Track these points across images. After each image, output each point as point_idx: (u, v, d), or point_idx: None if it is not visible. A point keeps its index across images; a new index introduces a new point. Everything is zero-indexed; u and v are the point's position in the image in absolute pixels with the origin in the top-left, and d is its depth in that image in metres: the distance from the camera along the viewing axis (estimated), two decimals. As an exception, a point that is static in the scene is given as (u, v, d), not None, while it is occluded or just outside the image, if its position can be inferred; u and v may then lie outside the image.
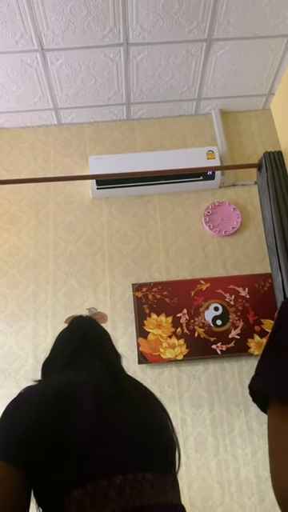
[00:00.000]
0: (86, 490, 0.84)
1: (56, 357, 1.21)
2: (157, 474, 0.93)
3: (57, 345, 1.26)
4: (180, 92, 2.79)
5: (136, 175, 2.65)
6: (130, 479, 0.87)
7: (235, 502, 2.11)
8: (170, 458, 1.01)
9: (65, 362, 1.14)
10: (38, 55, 2.43)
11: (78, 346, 1.20)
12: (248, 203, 2.75)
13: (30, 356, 2.37)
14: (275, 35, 2.44)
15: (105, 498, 0.84)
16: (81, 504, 0.83)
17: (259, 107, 2.98)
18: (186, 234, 2.68)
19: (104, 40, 2.37)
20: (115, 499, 0.84)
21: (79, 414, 0.92)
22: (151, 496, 0.88)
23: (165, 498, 0.92)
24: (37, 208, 2.73)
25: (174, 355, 2.35)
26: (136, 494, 0.86)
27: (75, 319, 1.34)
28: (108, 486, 0.85)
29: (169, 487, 0.95)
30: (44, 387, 1.00)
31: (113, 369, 1.14)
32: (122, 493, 0.85)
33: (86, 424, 0.91)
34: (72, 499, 0.84)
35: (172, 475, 0.99)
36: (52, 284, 2.54)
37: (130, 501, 0.85)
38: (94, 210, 2.73)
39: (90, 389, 0.99)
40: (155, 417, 1.06)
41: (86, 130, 2.96)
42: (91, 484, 0.85)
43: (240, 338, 2.39)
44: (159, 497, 0.90)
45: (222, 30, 2.38)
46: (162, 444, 1.01)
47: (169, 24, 2.31)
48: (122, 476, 0.87)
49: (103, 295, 2.52)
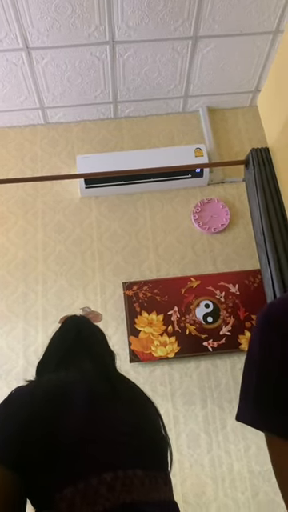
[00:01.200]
0: (77, 488, 0.84)
1: (49, 357, 1.21)
2: (148, 471, 0.93)
3: (50, 345, 1.26)
4: (167, 90, 2.78)
5: (124, 173, 2.65)
6: (120, 476, 0.88)
7: (229, 498, 2.12)
8: (161, 455, 1.02)
9: (58, 362, 1.15)
10: (23, 54, 2.41)
11: (71, 345, 1.20)
12: (236, 200, 2.76)
13: (21, 357, 2.36)
14: (260, 32, 2.45)
15: (95, 495, 0.84)
16: (71, 502, 0.83)
17: (246, 104, 3.00)
18: (176, 231, 2.68)
19: (90, 38, 2.36)
20: (106, 496, 0.84)
21: (70, 413, 0.93)
22: (142, 493, 0.89)
23: (157, 494, 0.92)
24: (25, 208, 2.72)
25: (166, 353, 2.35)
26: (127, 490, 0.87)
27: (68, 319, 1.34)
28: (98, 483, 0.85)
29: (161, 484, 0.95)
30: (35, 387, 0.99)
31: (106, 368, 1.14)
32: (113, 489, 0.85)
33: (77, 423, 0.91)
34: (63, 497, 0.84)
35: (164, 472, 1.00)
36: (42, 284, 2.53)
37: (121, 497, 0.85)
38: (82, 209, 2.72)
39: (82, 388, 0.99)
40: (147, 416, 1.07)
41: (73, 128, 2.94)
42: (82, 482, 0.85)
43: (231, 334, 2.40)
44: (151, 493, 0.91)
45: (207, 28, 2.38)
46: (154, 442, 1.02)
47: (154, 22, 2.31)
48: (112, 473, 0.87)
49: (94, 294, 2.51)
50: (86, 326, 1.31)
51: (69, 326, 1.30)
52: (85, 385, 1.01)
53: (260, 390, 0.68)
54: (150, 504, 0.89)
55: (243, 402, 0.71)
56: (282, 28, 2.43)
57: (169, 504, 0.96)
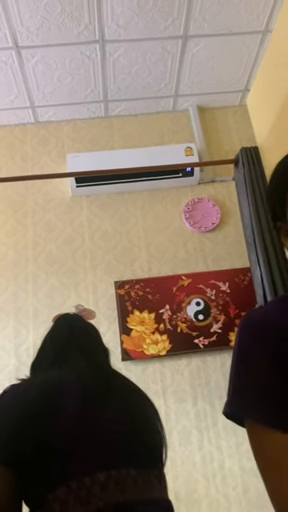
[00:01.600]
0: (70, 488, 0.84)
1: (43, 356, 1.21)
2: (142, 470, 0.93)
3: (44, 344, 1.26)
4: (157, 89, 2.79)
5: (115, 172, 2.65)
6: (114, 475, 0.88)
7: (220, 494, 2.14)
8: (155, 453, 1.02)
9: (51, 361, 1.15)
10: (13, 53, 2.40)
11: (64, 344, 1.20)
12: (227, 199, 2.78)
13: (12, 356, 2.35)
14: (250, 31, 2.46)
15: (88, 494, 0.84)
16: (64, 501, 0.83)
17: (236, 103, 3.01)
18: (167, 230, 2.69)
19: (79, 37, 2.36)
20: (99, 495, 0.84)
21: (63, 411, 0.93)
22: (136, 492, 0.89)
23: (150, 493, 0.92)
24: (15, 207, 2.71)
25: (158, 351, 2.36)
26: (120, 489, 0.87)
27: (61, 318, 1.35)
28: (92, 482, 0.85)
29: (155, 482, 0.95)
30: (28, 386, 0.99)
31: (99, 366, 1.14)
32: (106, 489, 0.85)
33: (70, 422, 0.91)
34: (56, 497, 0.84)
35: (158, 470, 1.00)
36: (32, 283, 2.52)
37: (114, 497, 0.86)
38: (73, 208, 2.72)
39: (76, 387, 0.99)
40: (141, 413, 1.07)
41: (63, 127, 2.94)
42: (75, 481, 0.85)
43: (222, 331, 2.42)
44: (144, 492, 0.91)
45: (197, 27, 2.39)
46: (148, 441, 1.02)
47: (144, 21, 2.31)
48: (105, 472, 0.87)
49: (85, 293, 2.51)
50: (79, 324, 1.31)
51: (62, 325, 1.30)
52: (78, 383, 1.01)
53: (239, 386, 0.72)
54: (144, 503, 0.89)
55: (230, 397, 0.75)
56: (270, 27, 2.45)
57: (163, 502, 0.96)
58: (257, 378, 0.70)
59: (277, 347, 0.69)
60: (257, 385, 0.69)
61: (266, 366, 0.69)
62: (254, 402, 0.68)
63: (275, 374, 0.68)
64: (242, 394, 0.71)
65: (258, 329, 0.73)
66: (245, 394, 0.71)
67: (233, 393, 0.73)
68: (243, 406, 0.70)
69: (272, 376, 0.68)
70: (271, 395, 0.67)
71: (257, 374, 0.70)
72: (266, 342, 0.71)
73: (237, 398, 0.72)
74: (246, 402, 0.70)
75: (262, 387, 0.69)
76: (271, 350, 0.69)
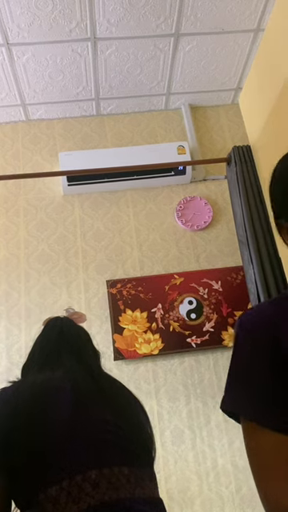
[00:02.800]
0: (61, 487, 0.84)
1: (33, 359, 1.21)
2: (133, 468, 0.93)
3: (34, 347, 1.26)
4: (149, 87, 2.78)
5: (107, 171, 2.64)
6: (105, 473, 0.88)
7: (213, 492, 2.14)
8: (146, 452, 1.03)
9: (42, 364, 1.14)
10: (3, 50, 2.38)
11: (54, 347, 1.20)
12: (219, 197, 2.78)
13: (4, 357, 2.33)
14: (242, 30, 2.46)
15: (80, 492, 0.84)
16: (56, 501, 0.83)
17: (228, 102, 3.01)
18: (159, 229, 2.69)
19: (71, 34, 2.34)
20: (91, 494, 0.84)
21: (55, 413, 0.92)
22: (128, 490, 0.89)
23: (142, 491, 0.93)
24: (7, 206, 2.68)
25: (150, 350, 2.36)
26: (112, 487, 0.87)
27: (51, 321, 1.34)
28: (83, 480, 0.85)
29: (146, 481, 0.96)
30: (18, 388, 0.99)
31: (90, 368, 1.14)
32: (98, 487, 0.86)
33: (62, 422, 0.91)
34: (48, 496, 0.84)
35: (149, 469, 1.00)
36: (24, 283, 2.50)
37: (106, 495, 0.86)
38: (65, 206, 2.71)
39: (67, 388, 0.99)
40: (132, 414, 1.07)
41: (55, 125, 2.92)
42: (66, 480, 0.85)
43: (214, 330, 2.42)
44: (136, 490, 0.91)
45: (189, 25, 2.39)
46: (139, 440, 1.02)
47: (136, 18, 2.30)
48: (97, 470, 0.87)
49: (77, 292, 2.50)
50: (70, 328, 1.31)
51: (52, 328, 1.29)
52: (69, 385, 1.01)
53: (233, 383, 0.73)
54: (136, 501, 0.90)
55: (225, 393, 0.75)
56: (262, 26, 2.45)
57: (154, 501, 0.96)
58: (250, 376, 0.70)
59: (271, 346, 0.69)
60: (249, 383, 0.70)
61: (260, 365, 0.70)
62: (247, 400, 0.69)
63: (269, 372, 0.68)
64: (236, 391, 0.72)
65: (253, 327, 0.74)
66: (238, 391, 0.72)
67: (228, 389, 0.74)
68: (237, 403, 0.72)
69: (265, 375, 0.69)
70: (263, 393, 0.68)
71: (251, 372, 0.70)
72: (261, 340, 0.71)
73: (231, 395, 0.73)
74: (239, 400, 0.71)
75: (254, 385, 0.69)
76: (266, 348, 0.70)
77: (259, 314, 0.77)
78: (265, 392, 0.68)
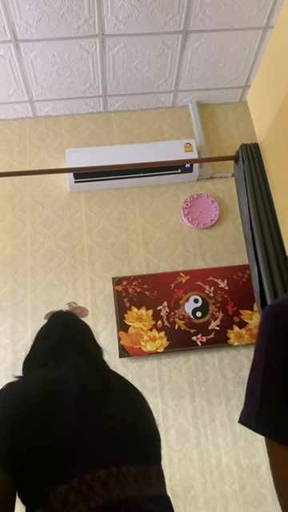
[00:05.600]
0: (71, 485, 0.84)
1: (36, 354, 1.20)
2: (141, 467, 0.93)
3: (36, 342, 1.25)
4: (157, 84, 2.77)
5: (114, 168, 2.63)
6: (114, 472, 0.88)
7: (217, 491, 2.14)
8: (154, 450, 1.02)
9: (45, 359, 1.14)
10: (11, 46, 2.38)
11: (57, 342, 1.19)
12: (226, 196, 2.77)
13: (10, 352, 2.34)
14: (250, 27, 2.45)
15: (89, 491, 0.84)
16: (65, 499, 0.83)
17: (236, 99, 3.00)
18: (165, 226, 2.68)
19: (79, 31, 2.34)
20: (100, 493, 0.85)
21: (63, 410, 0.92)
22: (136, 488, 0.89)
23: (150, 489, 0.93)
24: (13, 202, 2.69)
25: (155, 348, 2.36)
26: (121, 486, 0.87)
27: (54, 315, 1.34)
28: (92, 479, 0.85)
29: (153, 479, 0.96)
30: (25, 384, 0.99)
31: (95, 363, 1.14)
32: (107, 486, 0.86)
33: (70, 420, 0.91)
34: (56, 494, 0.84)
35: (157, 467, 1.00)
36: (30, 279, 2.51)
37: (115, 493, 0.86)
38: (71, 203, 2.71)
39: (74, 385, 0.99)
40: (139, 411, 1.07)
41: (62, 122, 2.92)
42: (76, 479, 0.85)
43: (220, 329, 2.41)
44: (144, 489, 0.91)
45: (197, 22, 2.37)
46: (146, 438, 1.02)
47: (144, 15, 2.29)
48: (106, 470, 0.87)
49: (83, 290, 2.50)
50: (73, 322, 1.31)
51: (55, 322, 1.29)
52: (77, 381, 1.00)
53: (265, 395, 0.69)
54: (144, 499, 0.90)
55: (248, 404, 0.72)
56: (271, 23, 2.43)
57: (162, 499, 0.96)
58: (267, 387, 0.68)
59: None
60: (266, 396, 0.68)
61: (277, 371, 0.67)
62: (264, 417, 0.67)
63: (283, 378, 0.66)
64: (252, 406, 0.70)
65: (281, 318, 0.71)
66: (254, 407, 0.69)
67: (245, 404, 0.71)
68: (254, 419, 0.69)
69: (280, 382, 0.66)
70: (278, 408, 0.66)
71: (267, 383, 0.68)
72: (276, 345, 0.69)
73: (247, 410, 0.71)
74: (254, 416, 0.69)
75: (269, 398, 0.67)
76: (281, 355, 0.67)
77: (282, 306, 0.73)
78: (278, 405, 0.66)
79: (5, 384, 1.00)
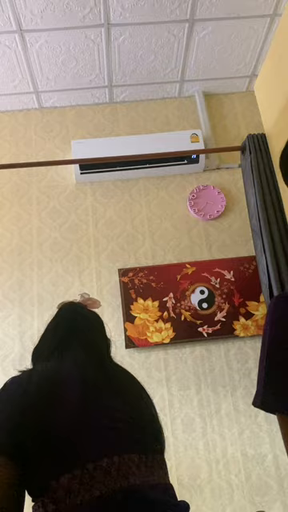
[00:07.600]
0: (74, 475, 0.85)
1: (44, 345, 1.22)
2: (144, 456, 0.94)
3: (46, 332, 1.26)
4: (163, 74, 2.75)
5: (120, 159, 2.62)
6: (116, 461, 0.89)
7: (223, 480, 2.16)
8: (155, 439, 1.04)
9: (52, 350, 1.15)
10: (16, 36, 2.37)
11: (64, 333, 1.20)
12: (232, 186, 2.75)
13: (17, 343, 2.36)
14: (257, 15, 2.41)
15: (92, 480, 0.85)
16: (68, 488, 0.84)
17: (243, 89, 2.97)
18: (172, 218, 2.68)
19: (84, 20, 2.32)
20: (102, 481, 0.86)
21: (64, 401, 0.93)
22: (138, 477, 0.90)
23: (152, 478, 0.94)
24: (19, 194, 2.70)
25: (161, 339, 2.37)
26: (123, 475, 0.88)
27: (65, 306, 1.34)
28: (95, 468, 0.87)
29: (156, 468, 0.97)
30: (29, 377, 1.00)
31: (99, 356, 1.15)
32: (109, 475, 0.87)
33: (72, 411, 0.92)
34: (60, 484, 0.85)
35: (159, 456, 1.01)
36: (37, 271, 2.52)
37: (118, 482, 0.87)
38: (77, 195, 2.71)
39: (76, 377, 1.00)
40: (140, 401, 1.08)
41: (67, 113, 2.91)
42: (78, 468, 0.86)
43: (226, 320, 2.41)
44: (146, 477, 0.92)
45: (204, 10, 2.34)
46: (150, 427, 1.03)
47: (150, 4, 2.27)
48: (108, 459, 0.88)
49: (89, 281, 2.51)
50: (83, 314, 1.31)
51: (64, 314, 1.30)
52: (78, 373, 1.01)
53: (270, 375, 0.75)
54: (147, 488, 0.91)
55: (257, 386, 0.78)
56: (279, 11, 2.39)
57: (165, 487, 0.97)
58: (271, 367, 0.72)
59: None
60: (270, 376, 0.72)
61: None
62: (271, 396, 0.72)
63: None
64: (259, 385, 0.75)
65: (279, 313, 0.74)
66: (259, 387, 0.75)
67: (258, 384, 0.76)
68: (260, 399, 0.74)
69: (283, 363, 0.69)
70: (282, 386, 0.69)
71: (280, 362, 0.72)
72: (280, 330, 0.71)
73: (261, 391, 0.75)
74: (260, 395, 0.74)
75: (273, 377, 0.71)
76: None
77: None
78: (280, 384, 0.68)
79: (10, 378, 1.01)
